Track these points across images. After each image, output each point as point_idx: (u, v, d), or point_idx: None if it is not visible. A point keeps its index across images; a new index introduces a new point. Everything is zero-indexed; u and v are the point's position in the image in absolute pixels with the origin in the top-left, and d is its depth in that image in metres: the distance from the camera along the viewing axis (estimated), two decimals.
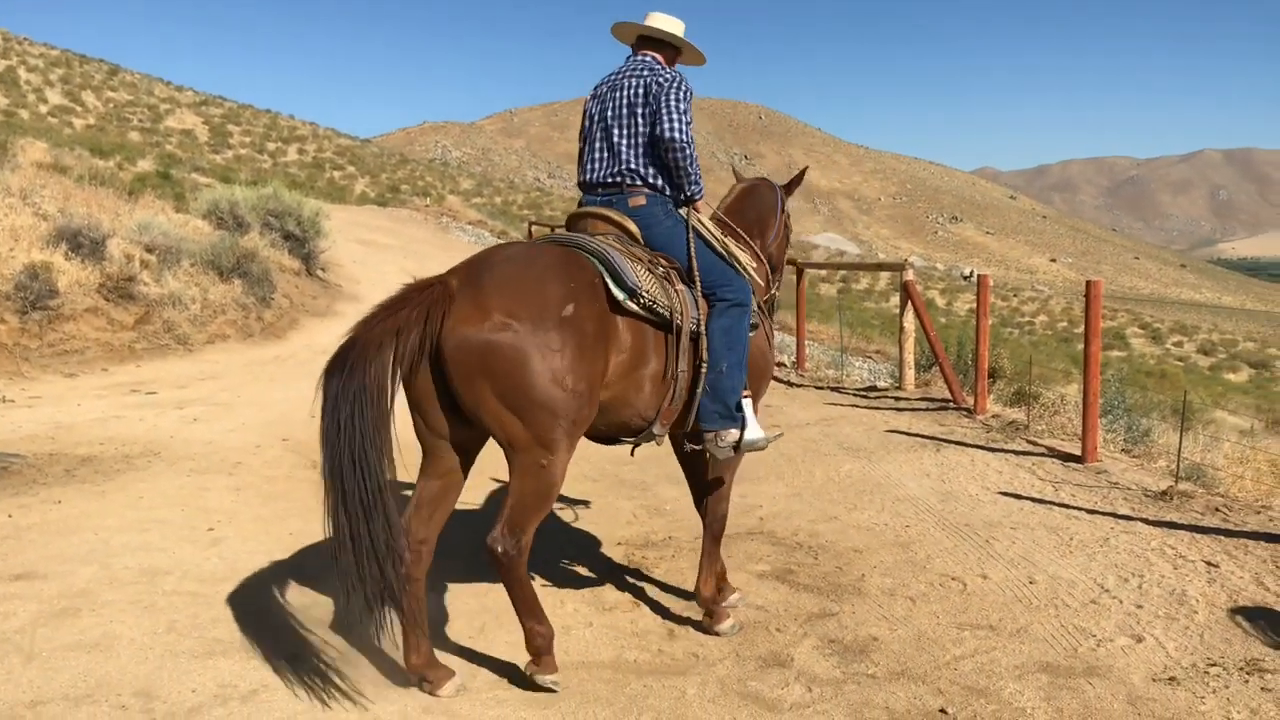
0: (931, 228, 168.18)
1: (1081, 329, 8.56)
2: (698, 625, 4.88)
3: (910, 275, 11.49)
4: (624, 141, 4.71)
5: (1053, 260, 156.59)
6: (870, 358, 15.56)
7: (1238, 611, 4.81)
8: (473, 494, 7.24)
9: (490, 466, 6.75)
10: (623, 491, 7.23)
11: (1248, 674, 4.18)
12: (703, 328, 4.50)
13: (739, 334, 4.63)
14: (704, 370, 4.50)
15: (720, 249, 4.77)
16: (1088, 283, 8.18)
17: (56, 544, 5.70)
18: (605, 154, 4.75)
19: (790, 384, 12.34)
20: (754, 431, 4.70)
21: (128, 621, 4.66)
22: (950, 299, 53.94)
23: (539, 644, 4.13)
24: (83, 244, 12.55)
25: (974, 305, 12.48)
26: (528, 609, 4.11)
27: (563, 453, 4.00)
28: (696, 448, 4.74)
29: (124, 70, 68.80)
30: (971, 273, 74.42)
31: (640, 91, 4.70)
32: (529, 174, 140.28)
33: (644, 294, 4.25)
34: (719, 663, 4.46)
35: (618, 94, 4.76)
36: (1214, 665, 4.27)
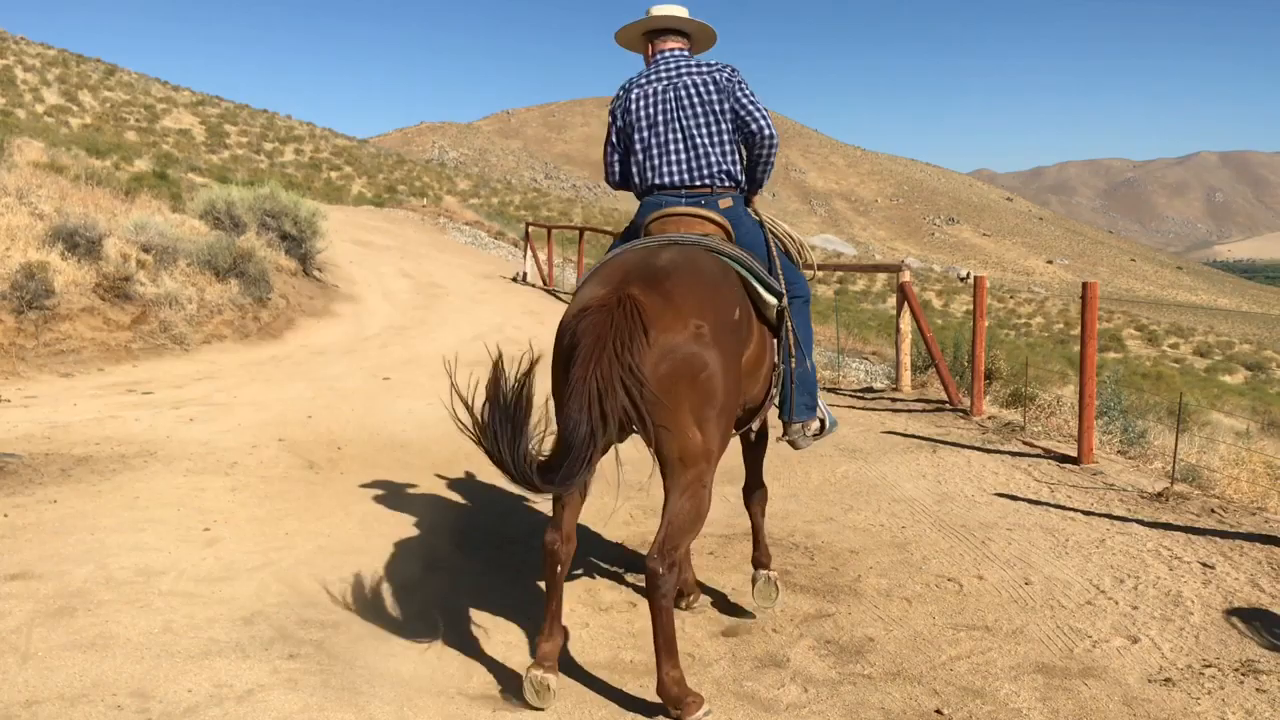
0: (928, 229, 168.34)
1: (1078, 331, 8.57)
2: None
3: (907, 277, 11.50)
4: (709, 140, 4.57)
5: (1049, 262, 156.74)
6: (867, 359, 15.57)
7: (1233, 613, 4.82)
8: (464, 503, 7.25)
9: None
10: (619, 492, 7.23)
11: (1243, 675, 4.19)
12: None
13: (810, 328, 4.79)
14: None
15: (794, 248, 4.82)
16: (1084, 284, 8.19)
17: (52, 544, 5.69)
18: (688, 154, 4.58)
19: None
20: (830, 417, 4.90)
21: (124, 621, 4.66)
22: (947, 300, 53.99)
23: (674, 692, 3.82)
24: (79, 243, 12.54)
25: (970, 306, 12.50)
26: (665, 644, 3.80)
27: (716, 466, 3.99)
28: (785, 440, 4.88)
29: (121, 70, 68.68)
30: (968, 274, 74.41)
31: (710, 87, 4.58)
32: (526, 174, 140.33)
33: (783, 299, 4.43)
34: (715, 663, 4.46)
35: (682, 92, 4.60)
36: (1209, 666, 4.28)
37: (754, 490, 5.17)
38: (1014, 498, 6.94)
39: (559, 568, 4.06)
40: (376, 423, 9.24)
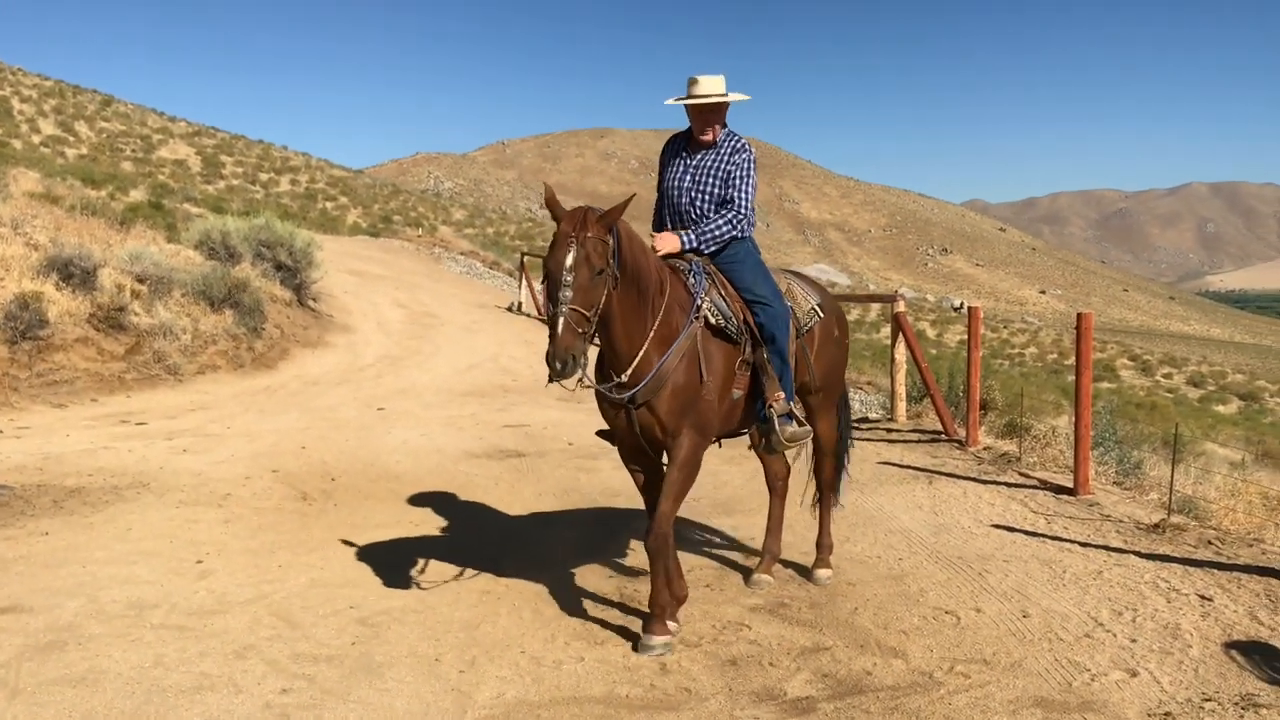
0: (922, 259, 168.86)
1: (1071, 360, 8.59)
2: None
3: (901, 307, 11.51)
4: None
5: (1042, 292, 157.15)
6: (862, 389, 15.56)
7: (1232, 646, 4.80)
8: (457, 534, 7.21)
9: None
10: (614, 524, 7.20)
11: (1243, 709, 4.16)
12: None
13: None
14: None
15: None
16: (1079, 315, 8.21)
17: (43, 576, 5.65)
18: None
19: None
20: None
21: (114, 656, 4.62)
22: (941, 330, 54.09)
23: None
24: (74, 274, 12.52)
25: (964, 336, 12.51)
26: None
27: None
28: None
29: (117, 101, 68.83)
30: (962, 304, 74.62)
31: None
32: (521, 205, 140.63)
33: None
34: (711, 697, 4.42)
35: None
36: (1209, 700, 4.25)
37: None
38: (1011, 529, 6.92)
39: None
40: (370, 453, 9.21)
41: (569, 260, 4.40)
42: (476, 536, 6.91)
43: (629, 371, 4.76)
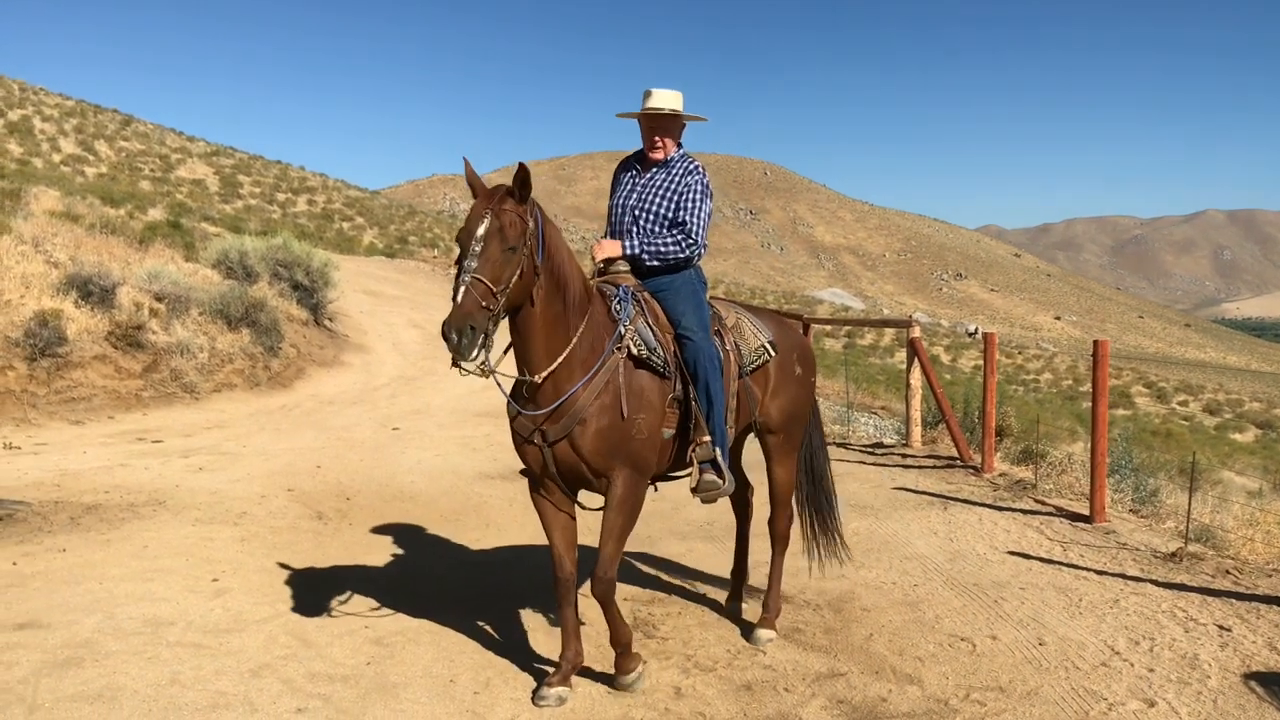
0: (936, 284, 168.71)
1: (1087, 387, 8.54)
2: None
3: (916, 332, 11.51)
4: None
5: (1057, 318, 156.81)
6: (876, 414, 15.54)
7: (1251, 677, 4.76)
8: (471, 557, 7.21)
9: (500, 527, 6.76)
10: (629, 546, 7.19)
11: None
12: None
13: None
14: None
15: None
16: (1095, 342, 8.19)
17: (61, 593, 5.68)
18: None
19: None
20: None
21: (131, 673, 4.64)
22: (955, 355, 53.91)
23: None
24: (92, 292, 12.63)
25: (979, 361, 12.48)
26: None
27: None
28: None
29: (137, 120, 69.40)
30: (976, 329, 74.37)
31: None
32: None
33: None
34: None
35: None
36: None
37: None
38: (1026, 556, 6.88)
39: None
40: (385, 474, 9.23)
41: (481, 230, 4.09)
42: (490, 557, 6.91)
43: (543, 374, 4.35)
